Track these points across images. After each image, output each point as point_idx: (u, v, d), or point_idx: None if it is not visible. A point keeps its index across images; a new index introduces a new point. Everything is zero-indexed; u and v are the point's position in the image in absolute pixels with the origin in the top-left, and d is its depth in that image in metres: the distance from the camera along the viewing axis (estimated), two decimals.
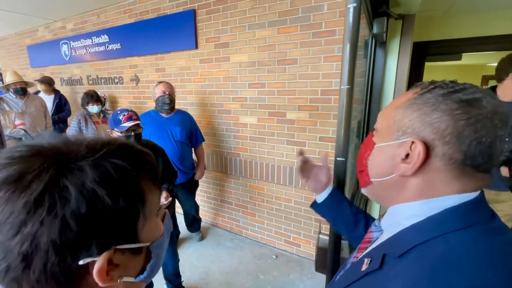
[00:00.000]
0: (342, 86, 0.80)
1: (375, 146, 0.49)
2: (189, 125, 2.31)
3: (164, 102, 2.15)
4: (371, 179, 0.50)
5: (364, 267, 0.45)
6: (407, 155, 0.42)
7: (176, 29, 2.62)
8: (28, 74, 4.48)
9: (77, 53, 3.68)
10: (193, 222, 2.68)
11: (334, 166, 0.87)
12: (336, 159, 0.86)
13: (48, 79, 3.61)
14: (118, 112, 1.54)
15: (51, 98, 3.55)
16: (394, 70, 1.59)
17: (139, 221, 0.32)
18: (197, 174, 2.48)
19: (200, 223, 2.78)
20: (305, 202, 2.32)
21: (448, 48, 2.43)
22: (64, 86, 4.12)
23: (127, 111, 1.56)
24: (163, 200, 1.55)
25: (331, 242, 0.89)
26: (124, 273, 0.32)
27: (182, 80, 2.77)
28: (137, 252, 0.33)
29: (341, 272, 0.59)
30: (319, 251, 0.95)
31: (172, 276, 1.92)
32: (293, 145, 2.27)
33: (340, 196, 0.83)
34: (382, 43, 1.54)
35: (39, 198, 0.26)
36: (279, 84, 2.22)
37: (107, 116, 2.91)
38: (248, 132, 2.48)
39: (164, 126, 2.21)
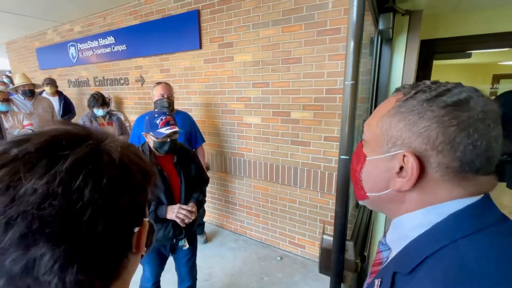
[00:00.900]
0: (346, 82, 0.78)
1: (367, 159, 0.46)
2: (187, 126, 2.22)
3: (163, 106, 2.09)
4: (367, 194, 0.48)
5: None
6: (401, 168, 0.40)
7: (180, 29, 2.63)
8: (37, 76, 4.57)
9: (84, 55, 3.73)
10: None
11: (338, 165, 0.85)
12: (340, 157, 0.83)
13: (54, 81, 3.67)
14: (156, 116, 1.41)
15: (56, 100, 3.61)
16: (400, 68, 1.56)
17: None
18: None
19: (204, 226, 2.77)
20: (309, 203, 2.29)
21: (456, 46, 2.36)
22: (72, 87, 4.19)
23: (164, 114, 1.43)
24: (186, 213, 1.40)
25: (335, 243, 0.87)
26: (144, 243, 0.37)
27: (187, 80, 2.77)
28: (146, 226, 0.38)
29: None
30: (323, 252, 0.93)
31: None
32: (297, 145, 2.25)
33: None
34: (388, 40, 1.51)
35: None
36: (283, 83, 2.20)
37: (113, 117, 2.93)
38: (252, 132, 2.47)
39: None
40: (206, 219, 2.86)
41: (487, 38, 2.25)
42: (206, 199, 2.97)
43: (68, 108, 3.71)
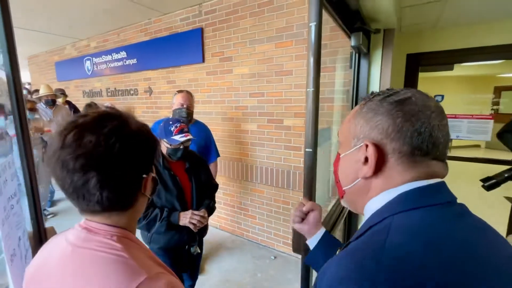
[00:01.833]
0: (308, 89, 0.97)
1: (340, 157, 0.54)
2: (203, 139, 2.13)
3: (181, 115, 2.01)
4: (344, 188, 0.54)
5: None
6: (366, 159, 0.46)
7: (185, 45, 2.90)
8: (53, 87, 4.94)
9: (98, 68, 4.06)
10: None
11: (304, 157, 1.02)
12: (306, 150, 1.01)
13: (64, 91, 4.09)
14: (170, 123, 1.43)
15: (66, 108, 3.94)
16: (377, 79, 1.74)
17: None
18: None
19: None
20: None
21: (438, 59, 2.55)
22: (85, 97, 4.51)
23: (179, 122, 1.44)
24: (199, 219, 1.43)
25: None
26: (150, 190, 0.59)
27: (191, 91, 3.01)
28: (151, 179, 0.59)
29: None
30: (294, 233, 1.08)
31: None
32: (290, 149, 2.42)
33: (333, 238, 0.82)
34: (365, 54, 1.70)
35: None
36: (277, 93, 2.41)
37: None
38: (249, 138, 2.66)
39: None
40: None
41: (467, 52, 2.43)
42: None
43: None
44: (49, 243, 0.57)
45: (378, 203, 0.46)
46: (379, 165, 0.45)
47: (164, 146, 1.45)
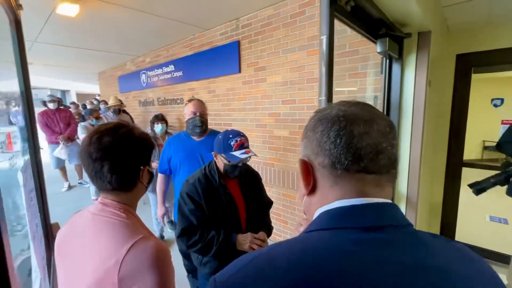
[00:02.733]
0: (320, 98, 1.01)
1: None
2: None
3: (195, 125, 1.85)
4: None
5: None
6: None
7: (224, 57, 3.13)
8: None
9: (151, 80, 4.60)
10: None
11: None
12: None
13: (122, 102, 4.81)
14: (230, 136, 1.28)
15: (127, 116, 4.60)
16: (412, 85, 1.66)
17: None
18: None
19: None
20: None
21: (494, 58, 2.27)
22: (141, 107, 5.12)
23: (239, 136, 1.29)
24: (260, 244, 1.30)
25: None
26: (146, 179, 0.81)
27: (228, 99, 3.22)
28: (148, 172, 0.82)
29: None
30: None
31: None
32: None
33: None
34: (397, 59, 1.64)
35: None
36: (308, 100, 2.43)
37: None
38: (281, 144, 2.73)
39: (195, 151, 1.89)
40: None
41: None
42: None
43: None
44: (74, 216, 0.79)
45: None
46: (314, 182, 0.46)
47: (220, 161, 1.31)
